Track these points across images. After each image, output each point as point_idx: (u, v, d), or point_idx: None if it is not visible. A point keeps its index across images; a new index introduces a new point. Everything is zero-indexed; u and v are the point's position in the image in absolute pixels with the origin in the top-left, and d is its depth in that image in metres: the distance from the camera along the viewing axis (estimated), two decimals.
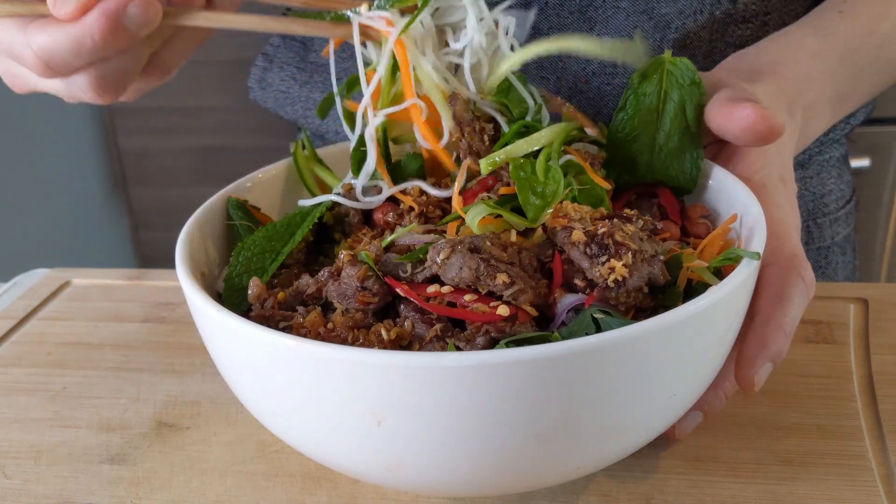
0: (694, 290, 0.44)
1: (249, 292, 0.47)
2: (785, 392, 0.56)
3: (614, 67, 0.69)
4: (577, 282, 0.44)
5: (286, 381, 0.40)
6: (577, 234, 0.44)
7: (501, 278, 0.42)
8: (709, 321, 0.40)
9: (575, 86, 0.70)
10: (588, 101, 0.71)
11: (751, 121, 0.48)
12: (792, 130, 0.56)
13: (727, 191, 0.51)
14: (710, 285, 0.42)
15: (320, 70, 0.82)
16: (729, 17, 0.68)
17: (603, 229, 0.44)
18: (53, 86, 0.51)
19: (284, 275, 0.51)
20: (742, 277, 0.41)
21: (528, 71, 0.70)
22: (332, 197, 0.53)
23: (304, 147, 0.60)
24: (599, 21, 0.68)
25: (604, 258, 0.43)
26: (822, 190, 0.81)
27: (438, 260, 0.43)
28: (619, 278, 0.42)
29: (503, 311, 0.41)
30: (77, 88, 0.50)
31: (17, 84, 0.54)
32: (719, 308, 0.40)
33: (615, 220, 0.45)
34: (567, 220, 0.46)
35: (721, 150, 0.53)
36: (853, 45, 0.62)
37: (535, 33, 0.69)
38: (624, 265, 0.42)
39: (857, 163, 1.43)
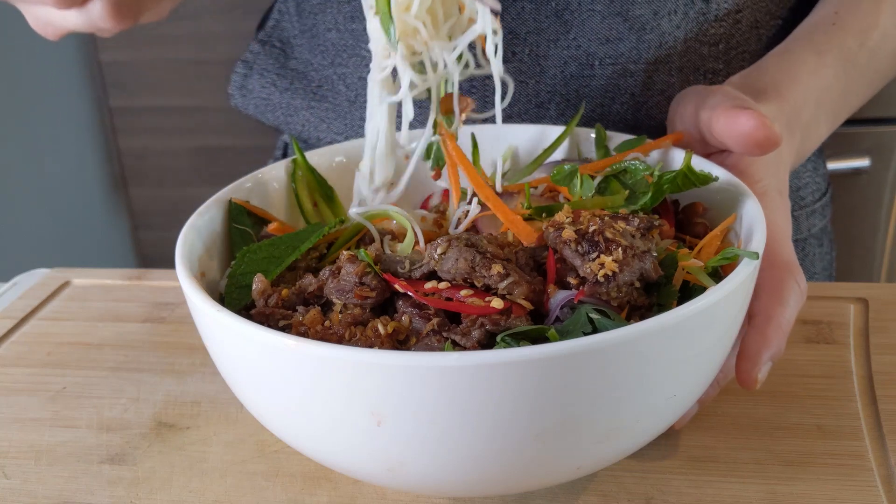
0: (692, 289, 0.44)
1: (254, 287, 0.47)
2: (785, 392, 0.56)
3: (591, 69, 0.71)
4: (570, 279, 0.44)
5: (285, 380, 0.40)
6: (568, 233, 0.44)
7: (496, 268, 0.43)
8: (709, 321, 0.40)
9: (553, 88, 0.72)
10: (567, 102, 0.72)
11: (751, 126, 0.49)
12: (790, 149, 0.58)
13: (727, 190, 0.51)
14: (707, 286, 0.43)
15: (300, 77, 0.82)
16: (702, 15, 0.70)
17: (593, 227, 0.44)
18: (73, 20, 0.52)
19: (289, 277, 0.51)
20: (742, 277, 0.41)
21: (508, 71, 0.71)
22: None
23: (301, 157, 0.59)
24: (575, 24, 0.69)
25: (594, 255, 0.43)
26: (798, 183, 0.83)
27: (436, 255, 0.44)
28: (609, 273, 0.42)
29: (497, 303, 0.42)
30: (97, 17, 0.51)
31: (43, 28, 0.55)
32: (719, 308, 0.40)
33: (606, 218, 0.46)
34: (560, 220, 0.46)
35: (722, 162, 0.55)
36: (847, 58, 0.64)
37: (513, 37, 0.70)
38: (614, 260, 0.42)
39: (857, 163, 1.43)
